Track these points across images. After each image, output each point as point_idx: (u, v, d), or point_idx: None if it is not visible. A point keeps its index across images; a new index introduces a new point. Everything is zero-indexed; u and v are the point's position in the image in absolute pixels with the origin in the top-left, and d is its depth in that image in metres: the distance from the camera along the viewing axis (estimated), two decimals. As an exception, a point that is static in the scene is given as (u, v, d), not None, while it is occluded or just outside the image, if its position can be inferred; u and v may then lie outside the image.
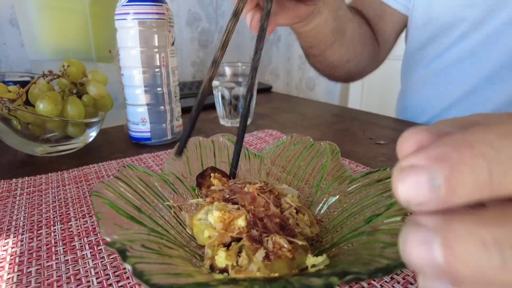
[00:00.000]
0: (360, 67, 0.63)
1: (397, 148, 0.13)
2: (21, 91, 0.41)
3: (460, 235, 0.10)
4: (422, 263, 0.10)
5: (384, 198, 0.23)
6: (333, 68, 0.62)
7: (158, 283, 0.13)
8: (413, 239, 0.11)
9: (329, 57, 0.58)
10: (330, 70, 0.63)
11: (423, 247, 0.10)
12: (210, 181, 0.27)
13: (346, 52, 0.58)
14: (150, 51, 0.45)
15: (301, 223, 0.24)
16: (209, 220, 0.23)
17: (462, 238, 0.10)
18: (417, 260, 0.11)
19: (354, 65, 0.62)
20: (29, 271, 0.24)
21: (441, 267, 0.10)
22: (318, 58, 0.59)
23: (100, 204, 0.20)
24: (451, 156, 0.10)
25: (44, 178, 0.38)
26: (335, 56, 0.58)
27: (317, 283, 0.14)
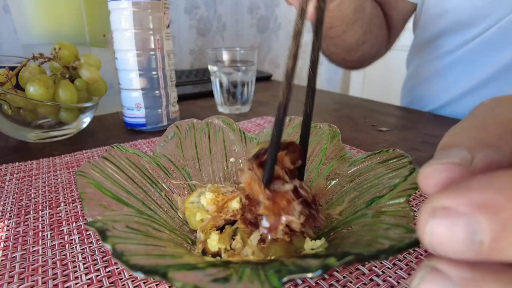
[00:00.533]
0: (373, 51, 0.61)
1: (421, 178, 0.11)
2: (10, 74, 0.39)
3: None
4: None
5: (387, 180, 0.22)
6: (348, 51, 0.59)
7: (138, 263, 0.12)
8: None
9: (347, 39, 0.55)
10: (344, 54, 0.60)
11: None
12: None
13: (364, 34, 0.55)
14: (144, 33, 0.43)
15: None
16: (202, 203, 0.21)
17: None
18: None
19: (368, 48, 0.59)
20: (14, 256, 0.23)
21: None
22: (336, 41, 0.56)
23: (84, 184, 0.19)
24: (504, 207, 0.08)
25: (35, 164, 0.37)
26: (354, 37, 0.55)
27: (314, 264, 0.13)
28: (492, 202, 0.08)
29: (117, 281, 0.20)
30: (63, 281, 0.20)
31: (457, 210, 0.09)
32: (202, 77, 0.81)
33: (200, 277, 0.13)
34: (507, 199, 0.08)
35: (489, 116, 0.13)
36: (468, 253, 0.09)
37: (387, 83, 1.54)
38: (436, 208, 0.09)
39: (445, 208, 0.09)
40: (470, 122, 0.13)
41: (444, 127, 0.48)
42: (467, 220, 0.09)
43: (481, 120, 0.12)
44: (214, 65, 0.56)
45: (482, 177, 0.09)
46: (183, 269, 0.13)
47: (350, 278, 0.21)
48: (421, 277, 0.10)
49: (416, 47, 0.62)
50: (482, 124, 0.12)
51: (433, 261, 0.10)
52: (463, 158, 0.11)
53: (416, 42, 0.62)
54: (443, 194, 0.09)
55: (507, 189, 0.08)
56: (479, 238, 0.08)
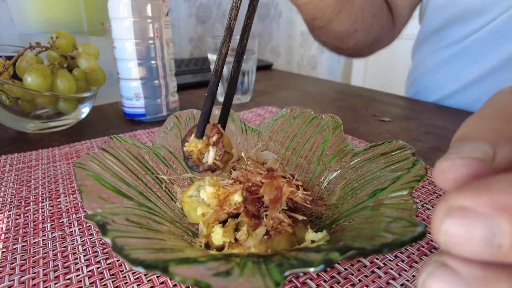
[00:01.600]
0: (369, 40, 0.60)
1: (437, 172, 0.10)
2: (7, 64, 0.39)
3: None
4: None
5: (389, 172, 0.21)
6: (340, 39, 0.58)
7: (138, 258, 0.12)
8: (438, 284, 0.09)
9: (334, 28, 0.54)
10: (337, 42, 0.59)
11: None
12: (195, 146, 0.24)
13: (354, 22, 0.54)
14: (143, 22, 0.42)
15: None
16: (202, 197, 0.21)
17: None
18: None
19: (363, 36, 0.58)
20: (15, 248, 0.23)
21: None
22: (323, 30, 0.55)
23: (84, 176, 0.19)
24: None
25: (34, 155, 0.37)
26: (342, 26, 0.54)
27: (316, 259, 0.13)
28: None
29: (118, 273, 0.20)
30: (64, 273, 0.20)
31: (476, 210, 0.08)
32: (201, 66, 0.80)
33: (201, 271, 0.13)
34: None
35: (507, 105, 0.12)
36: (484, 256, 0.08)
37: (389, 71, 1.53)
38: (453, 207, 0.09)
39: (462, 207, 0.09)
40: (490, 112, 0.12)
41: (447, 118, 0.48)
42: (486, 222, 0.08)
43: (503, 110, 0.12)
44: (214, 54, 0.56)
45: (504, 177, 0.09)
46: (184, 263, 0.13)
47: (351, 270, 0.21)
48: (429, 272, 0.10)
49: (423, 37, 0.61)
50: (504, 114, 0.11)
51: (443, 256, 0.10)
52: (485, 153, 0.10)
53: (423, 32, 0.61)
54: (461, 193, 0.09)
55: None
56: (498, 241, 0.08)
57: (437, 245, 0.23)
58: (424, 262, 0.18)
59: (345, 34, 0.56)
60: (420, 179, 0.19)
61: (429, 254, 0.22)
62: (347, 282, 0.20)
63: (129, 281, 0.20)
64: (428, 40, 0.59)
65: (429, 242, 0.23)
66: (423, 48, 0.61)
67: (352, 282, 0.20)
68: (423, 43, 0.61)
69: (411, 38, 0.67)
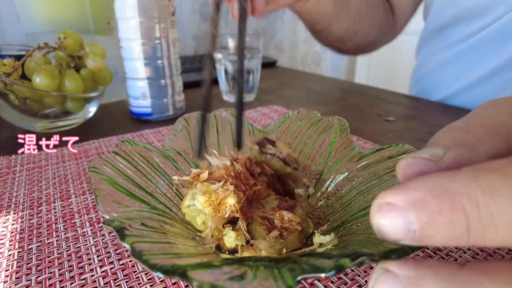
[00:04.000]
0: (370, 39, 0.60)
1: (397, 170, 0.13)
2: (16, 65, 0.39)
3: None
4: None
5: (395, 177, 0.22)
6: (341, 41, 0.59)
7: (157, 263, 0.13)
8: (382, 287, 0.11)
9: (335, 31, 0.55)
10: (338, 44, 0.60)
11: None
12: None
13: (353, 24, 0.55)
14: (149, 22, 0.43)
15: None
16: (197, 206, 0.22)
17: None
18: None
19: (362, 37, 0.58)
20: (30, 248, 0.23)
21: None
22: (324, 34, 0.57)
23: (98, 180, 0.20)
24: (430, 203, 0.10)
25: (43, 154, 0.38)
26: (341, 29, 0.55)
27: (327, 265, 0.13)
28: (421, 199, 0.10)
29: (131, 273, 0.21)
30: (79, 273, 0.21)
31: (397, 205, 0.10)
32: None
33: (217, 275, 0.13)
34: (431, 196, 0.10)
35: (477, 117, 0.14)
36: (407, 240, 0.11)
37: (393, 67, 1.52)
38: (382, 203, 0.11)
39: (388, 203, 0.11)
40: (458, 123, 0.14)
41: (451, 118, 0.48)
42: (404, 214, 0.10)
43: (467, 122, 0.14)
44: (218, 52, 0.56)
45: (419, 178, 0.11)
46: (200, 268, 0.14)
47: (358, 271, 0.21)
48: (376, 279, 0.12)
49: (427, 35, 0.61)
50: (466, 126, 0.13)
51: (386, 263, 0.12)
52: (434, 154, 0.12)
53: (427, 30, 0.60)
54: (388, 192, 0.11)
55: (432, 188, 0.10)
56: (413, 228, 0.10)
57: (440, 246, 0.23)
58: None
59: (345, 36, 0.57)
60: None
61: (434, 256, 0.22)
62: (354, 284, 0.20)
63: (142, 281, 0.20)
64: (433, 39, 0.59)
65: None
66: (427, 47, 0.61)
67: (359, 283, 0.20)
68: (427, 41, 0.61)
69: (415, 34, 0.66)
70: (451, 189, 0.10)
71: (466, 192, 0.10)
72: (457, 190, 0.10)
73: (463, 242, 0.10)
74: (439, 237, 0.10)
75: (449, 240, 0.10)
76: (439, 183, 0.10)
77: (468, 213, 0.10)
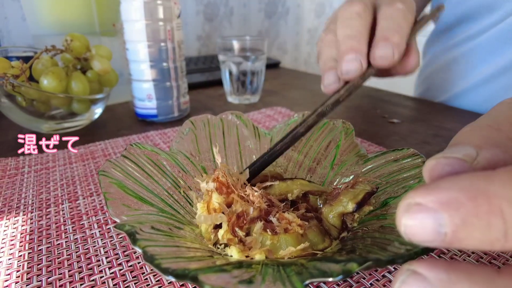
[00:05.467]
0: None
1: (425, 170, 0.12)
2: (24, 67, 0.40)
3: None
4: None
5: (402, 180, 0.22)
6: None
7: (169, 267, 0.13)
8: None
9: None
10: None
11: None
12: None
13: None
14: (155, 24, 0.43)
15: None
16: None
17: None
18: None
19: None
20: (40, 249, 0.24)
21: None
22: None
23: (107, 184, 0.20)
24: (464, 205, 0.09)
25: (50, 156, 0.38)
26: None
27: (335, 269, 0.13)
28: (454, 200, 0.10)
29: (140, 275, 0.21)
30: (89, 275, 0.21)
31: (427, 206, 0.10)
32: (210, 64, 0.80)
33: (227, 279, 0.14)
34: (467, 198, 0.09)
35: (505, 116, 0.13)
36: (436, 243, 0.10)
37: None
38: (410, 204, 0.10)
39: (417, 204, 0.10)
40: (484, 121, 0.13)
41: (455, 119, 0.48)
42: (434, 215, 0.10)
43: (496, 120, 0.13)
44: (223, 54, 0.56)
45: (450, 178, 0.10)
46: (210, 271, 0.14)
47: (363, 274, 0.21)
48: (402, 281, 0.11)
49: (435, 34, 0.61)
50: (495, 124, 0.13)
51: (413, 265, 0.11)
52: (467, 154, 0.11)
53: (436, 29, 0.61)
54: (417, 192, 0.10)
55: (468, 189, 0.10)
56: (444, 230, 0.10)
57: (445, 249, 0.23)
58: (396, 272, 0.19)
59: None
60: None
61: (438, 259, 0.23)
62: (359, 286, 0.20)
63: (150, 283, 0.21)
64: (441, 38, 0.59)
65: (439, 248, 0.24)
66: (434, 46, 0.61)
67: (364, 286, 0.20)
68: (434, 42, 0.61)
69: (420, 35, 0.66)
70: (489, 191, 0.09)
71: (504, 194, 0.09)
72: (495, 192, 0.09)
73: (497, 247, 0.09)
74: (472, 241, 0.10)
75: (483, 245, 0.10)
76: (475, 184, 0.10)
77: (507, 217, 0.09)
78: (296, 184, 0.23)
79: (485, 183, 0.10)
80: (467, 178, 0.10)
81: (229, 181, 0.21)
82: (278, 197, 0.22)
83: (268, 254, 0.18)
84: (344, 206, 0.20)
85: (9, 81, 0.38)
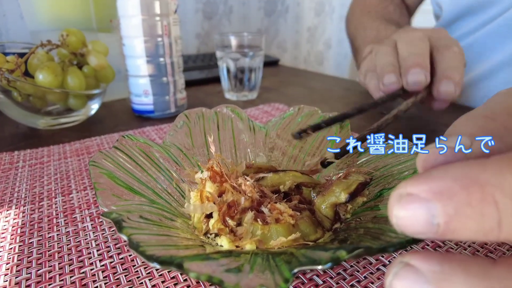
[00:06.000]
0: None
1: (419, 161, 0.12)
2: (19, 61, 0.39)
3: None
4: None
5: (397, 172, 0.22)
6: None
7: (154, 254, 0.13)
8: (405, 285, 0.10)
9: None
10: None
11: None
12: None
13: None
14: (151, 19, 0.43)
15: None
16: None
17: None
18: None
19: None
20: (31, 242, 0.24)
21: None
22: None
23: (98, 174, 0.20)
24: (457, 194, 0.09)
25: (46, 151, 0.38)
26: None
27: (324, 257, 0.13)
28: (447, 189, 0.09)
29: (131, 267, 0.21)
30: (79, 267, 0.21)
31: (419, 196, 0.09)
32: (208, 62, 0.80)
33: (214, 267, 0.14)
34: (460, 187, 0.09)
35: (501, 106, 0.13)
36: (429, 234, 0.10)
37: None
38: (402, 194, 0.10)
39: (409, 194, 0.10)
40: (480, 111, 0.13)
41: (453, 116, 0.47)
42: (426, 205, 0.09)
43: (492, 110, 0.13)
44: (221, 50, 0.56)
45: (442, 167, 0.10)
46: (197, 259, 0.14)
47: (357, 267, 0.21)
48: (395, 273, 0.10)
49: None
50: (491, 114, 0.12)
51: (406, 257, 0.11)
52: (461, 143, 0.11)
53: (437, 24, 0.61)
54: (409, 182, 0.10)
55: (460, 178, 0.09)
56: (437, 221, 0.09)
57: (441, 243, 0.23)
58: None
59: None
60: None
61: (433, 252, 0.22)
62: (352, 279, 0.20)
63: (141, 275, 0.20)
64: None
65: (434, 240, 0.23)
66: None
67: (358, 279, 0.20)
68: None
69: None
70: (481, 179, 0.09)
71: (497, 183, 0.09)
72: (488, 181, 0.09)
73: (492, 238, 0.09)
74: (466, 232, 0.09)
75: (477, 235, 0.09)
76: (467, 173, 0.09)
77: (500, 206, 0.09)
78: (288, 176, 0.23)
79: (477, 171, 0.09)
80: (460, 166, 0.10)
81: (223, 171, 0.21)
82: (271, 188, 0.22)
83: (258, 245, 0.18)
84: (337, 196, 0.20)
85: (4, 75, 0.38)
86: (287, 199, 0.22)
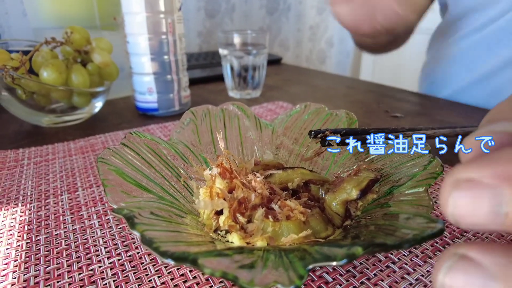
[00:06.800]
0: (409, 31, 0.61)
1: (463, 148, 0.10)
2: (24, 59, 0.39)
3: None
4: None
5: (406, 169, 0.21)
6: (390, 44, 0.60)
7: (168, 250, 0.13)
8: (464, 280, 0.09)
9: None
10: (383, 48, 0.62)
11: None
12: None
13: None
14: (156, 17, 0.43)
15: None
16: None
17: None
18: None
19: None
20: (38, 239, 0.23)
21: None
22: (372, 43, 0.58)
23: (106, 171, 0.20)
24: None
25: (50, 148, 0.38)
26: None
27: (339, 253, 0.13)
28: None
29: (139, 265, 0.21)
30: (87, 264, 0.21)
31: (482, 182, 0.08)
32: (211, 60, 0.80)
33: (227, 263, 0.13)
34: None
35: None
36: (492, 226, 0.08)
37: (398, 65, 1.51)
38: (460, 179, 0.09)
39: (469, 180, 0.09)
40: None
41: (458, 114, 0.47)
42: (492, 192, 0.08)
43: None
44: (224, 48, 0.56)
45: (508, 149, 0.09)
46: (211, 255, 0.14)
47: (366, 264, 0.21)
48: (449, 266, 0.09)
49: (441, 28, 0.61)
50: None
51: (461, 248, 0.09)
52: (507, 128, 0.10)
53: (442, 23, 0.60)
54: (468, 166, 0.09)
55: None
56: (504, 211, 0.08)
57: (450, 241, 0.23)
58: (438, 258, 0.18)
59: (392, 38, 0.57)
60: (437, 176, 0.19)
61: (443, 250, 0.22)
62: (362, 276, 0.20)
63: (149, 273, 0.20)
64: (446, 31, 0.59)
65: (443, 238, 0.23)
66: (439, 41, 0.61)
67: (367, 276, 0.20)
68: (440, 35, 0.61)
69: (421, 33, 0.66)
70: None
71: None
72: None
73: None
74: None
75: None
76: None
77: None
78: (296, 173, 0.22)
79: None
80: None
81: (233, 167, 0.20)
82: (279, 186, 0.22)
83: (269, 241, 0.18)
84: (348, 193, 0.20)
85: (8, 73, 0.38)
86: (295, 197, 0.22)
